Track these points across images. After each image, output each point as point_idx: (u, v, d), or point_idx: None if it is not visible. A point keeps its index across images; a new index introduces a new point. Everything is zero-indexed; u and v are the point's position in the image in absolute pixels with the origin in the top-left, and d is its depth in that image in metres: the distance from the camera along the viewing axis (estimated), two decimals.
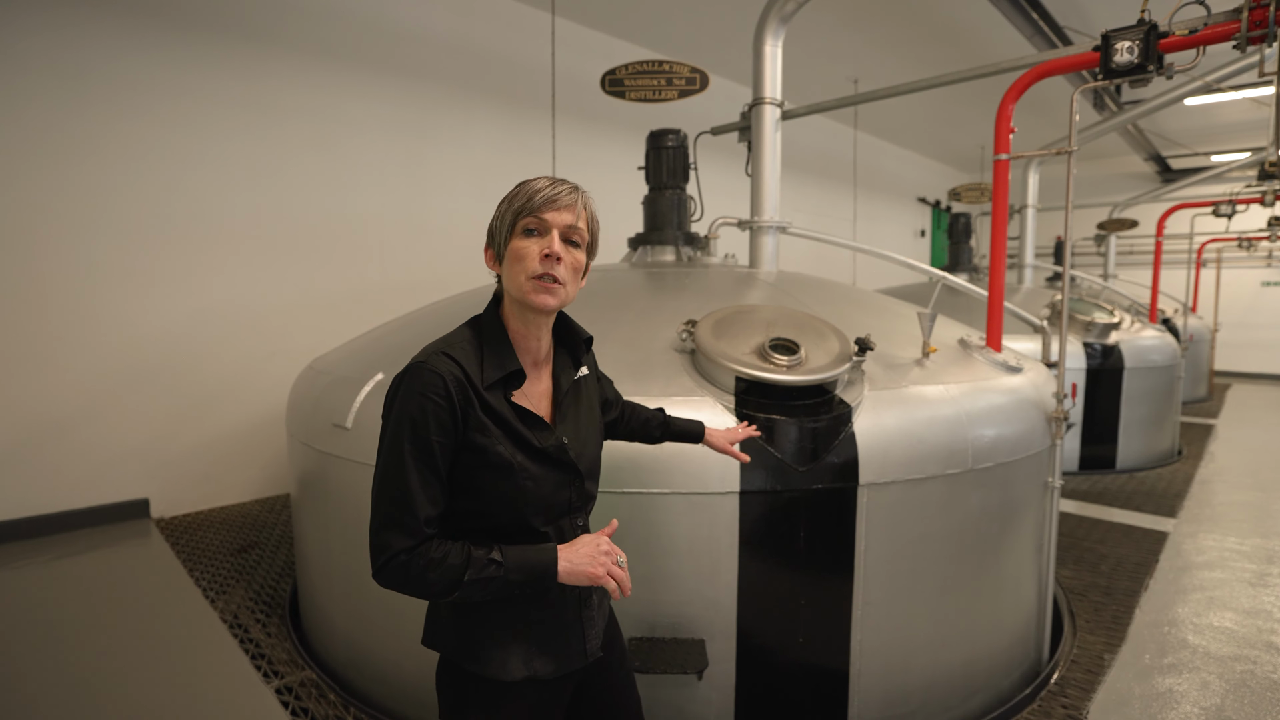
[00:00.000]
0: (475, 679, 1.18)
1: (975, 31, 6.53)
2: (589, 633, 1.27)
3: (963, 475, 2.16)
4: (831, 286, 3.12)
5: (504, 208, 1.17)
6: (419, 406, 1.07)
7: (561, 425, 1.22)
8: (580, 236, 1.16)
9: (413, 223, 5.27)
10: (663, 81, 3.30)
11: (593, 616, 1.28)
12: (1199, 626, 2.95)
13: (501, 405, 1.14)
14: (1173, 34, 2.18)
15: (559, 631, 1.22)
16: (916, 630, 2.16)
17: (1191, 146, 11.13)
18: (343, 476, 2.33)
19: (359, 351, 2.78)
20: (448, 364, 1.10)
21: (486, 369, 1.14)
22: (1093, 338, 5.59)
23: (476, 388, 1.12)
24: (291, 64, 4.59)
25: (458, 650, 1.20)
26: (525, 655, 1.18)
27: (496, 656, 1.17)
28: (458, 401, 1.09)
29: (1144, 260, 12.59)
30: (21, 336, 3.69)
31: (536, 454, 1.16)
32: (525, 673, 1.18)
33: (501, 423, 1.13)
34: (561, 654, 1.22)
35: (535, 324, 1.19)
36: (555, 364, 1.28)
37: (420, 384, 1.08)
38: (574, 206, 1.15)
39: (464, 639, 1.19)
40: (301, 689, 2.43)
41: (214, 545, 3.77)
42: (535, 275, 1.12)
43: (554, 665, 1.21)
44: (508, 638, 1.18)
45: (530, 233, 1.13)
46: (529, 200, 1.13)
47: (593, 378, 1.39)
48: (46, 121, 3.69)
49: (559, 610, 1.22)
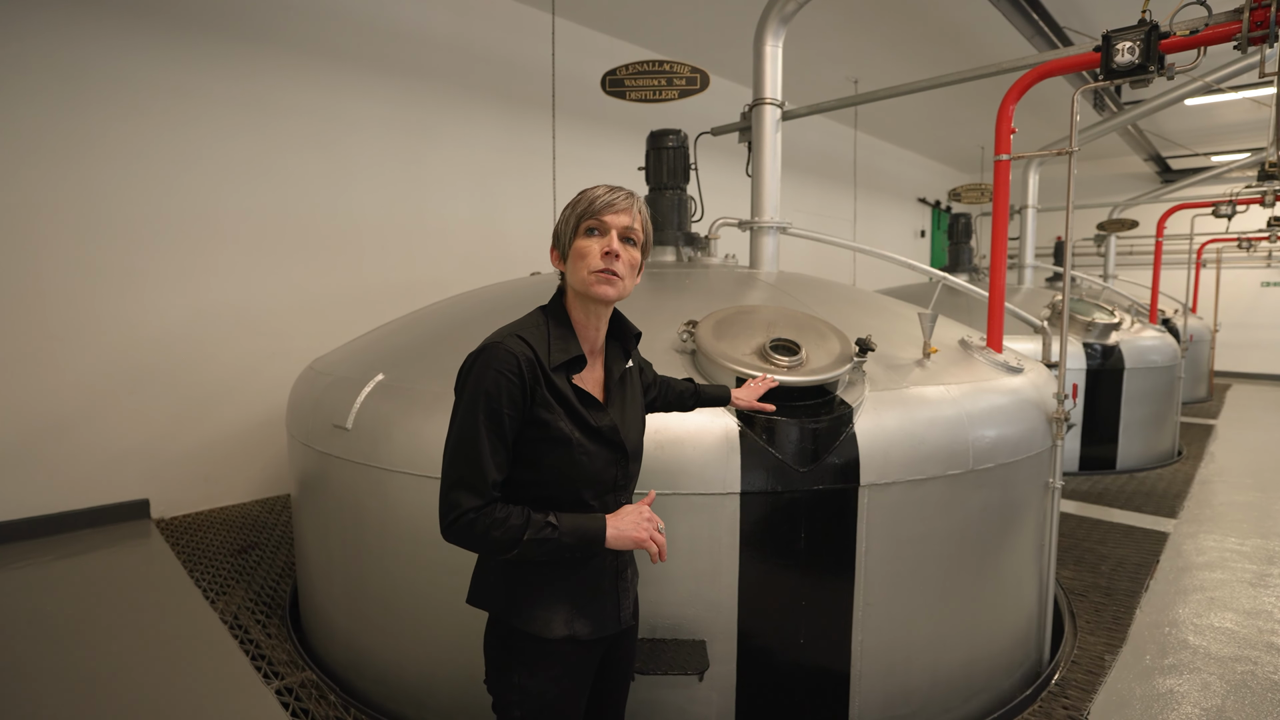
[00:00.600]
0: (520, 636, 1.30)
1: (975, 32, 6.53)
2: (623, 601, 1.41)
3: (964, 476, 2.16)
4: (832, 287, 3.12)
5: (568, 213, 1.30)
6: (494, 381, 1.20)
7: (611, 410, 1.36)
8: (636, 236, 1.30)
9: (412, 223, 5.27)
10: (663, 82, 3.30)
11: (627, 588, 1.42)
12: (1200, 627, 2.95)
13: (565, 386, 1.28)
14: (1174, 34, 2.18)
15: (597, 598, 1.36)
16: (917, 631, 2.16)
17: (1191, 147, 11.13)
18: (343, 477, 2.32)
19: (359, 352, 2.78)
20: (520, 345, 1.23)
21: (554, 352, 1.27)
22: (1093, 338, 5.59)
23: (544, 368, 1.25)
24: (291, 63, 4.58)
25: (507, 608, 1.31)
26: (567, 616, 1.31)
27: (541, 615, 1.30)
28: (527, 379, 1.22)
29: (1144, 261, 12.59)
30: (21, 337, 3.69)
31: (592, 432, 1.29)
32: (566, 632, 1.30)
33: (564, 401, 1.26)
34: (598, 618, 1.36)
35: (595, 314, 1.33)
36: (607, 355, 1.41)
37: (496, 361, 1.21)
38: (630, 210, 1.28)
39: (513, 598, 1.31)
40: (302, 690, 2.43)
41: (214, 546, 3.77)
42: (597, 270, 1.25)
43: (591, 627, 1.34)
44: (552, 599, 1.31)
45: (591, 232, 1.27)
46: (590, 204, 1.27)
47: (637, 369, 1.52)
48: (46, 121, 3.69)
49: (598, 578, 1.36)
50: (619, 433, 1.33)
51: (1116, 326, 5.70)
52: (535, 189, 5.91)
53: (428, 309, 3.18)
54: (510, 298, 2.92)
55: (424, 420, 2.13)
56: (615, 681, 1.50)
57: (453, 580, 2.11)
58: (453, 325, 2.74)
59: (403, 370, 2.38)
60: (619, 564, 1.39)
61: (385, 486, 2.17)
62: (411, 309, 3.87)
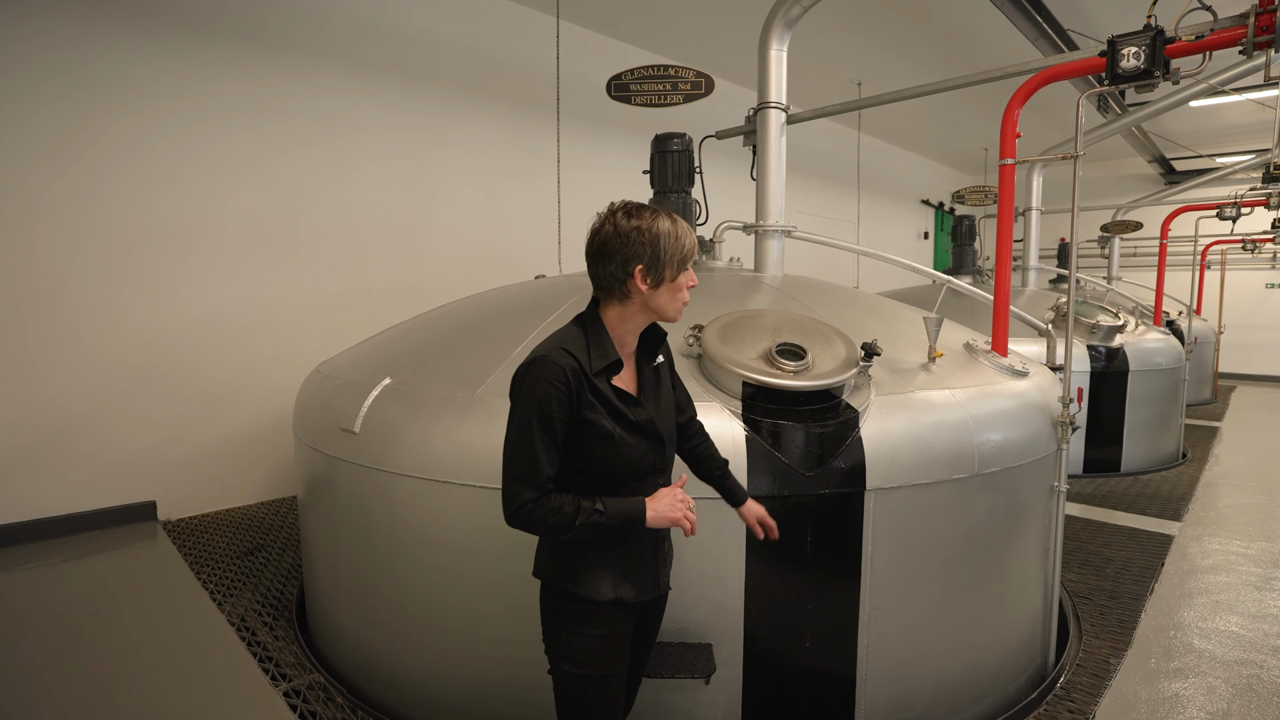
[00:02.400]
0: (572, 599, 1.49)
1: (979, 34, 6.53)
2: (661, 569, 1.59)
3: (969, 480, 2.17)
4: (837, 290, 3.12)
5: (674, 246, 1.43)
6: (544, 391, 1.37)
7: (646, 404, 1.53)
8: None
9: (417, 225, 5.28)
10: (668, 86, 3.31)
11: (665, 557, 1.61)
12: (1205, 631, 2.95)
13: (605, 388, 1.45)
14: (1179, 39, 2.18)
15: (640, 565, 1.53)
16: (923, 634, 2.17)
17: (1196, 148, 11.10)
18: (350, 481, 2.34)
19: (365, 356, 2.79)
20: (566, 357, 1.40)
21: (594, 359, 1.43)
22: (1097, 340, 5.59)
23: (587, 374, 1.41)
24: (297, 67, 4.60)
25: (563, 575, 1.50)
26: (614, 580, 1.49)
27: (590, 580, 1.48)
28: (573, 386, 1.39)
29: (1148, 262, 12.57)
30: (29, 340, 3.71)
31: (632, 426, 1.46)
32: (613, 595, 1.48)
33: (606, 402, 1.44)
34: (641, 583, 1.53)
35: (636, 327, 1.51)
36: (638, 355, 1.57)
37: (545, 373, 1.38)
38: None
39: (568, 565, 1.50)
40: (309, 692, 2.44)
41: (221, 548, 3.78)
42: (685, 303, 1.49)
43: (635, 591, 1.52)
44: (602, 566, 1.49)
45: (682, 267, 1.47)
46: (690, 251, 1.46)
47: (667, 364, 1.66)
48: (52, 124, 3.71)
49: (640, 549, 1.53)
50: (655, 424, 1.51)
51: (1121, 329, 5.69)
52: (539, 191, 5.92)
53: (433, 313, 3.20)
54: (515, 302, 2.94)
55: (431, 424, 2.14)
56: (644, 643, 1.67)
57: (460, 584, 2.13)
58: (458, 329, 2.75)
59: (410, 374, 2.39)
60: (658, 537, 1.58)
61: (393, 490, 2.18)
62: (416, 311, 3.88)
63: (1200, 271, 10.98)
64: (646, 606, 1.61)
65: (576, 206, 4.60)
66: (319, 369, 2.93)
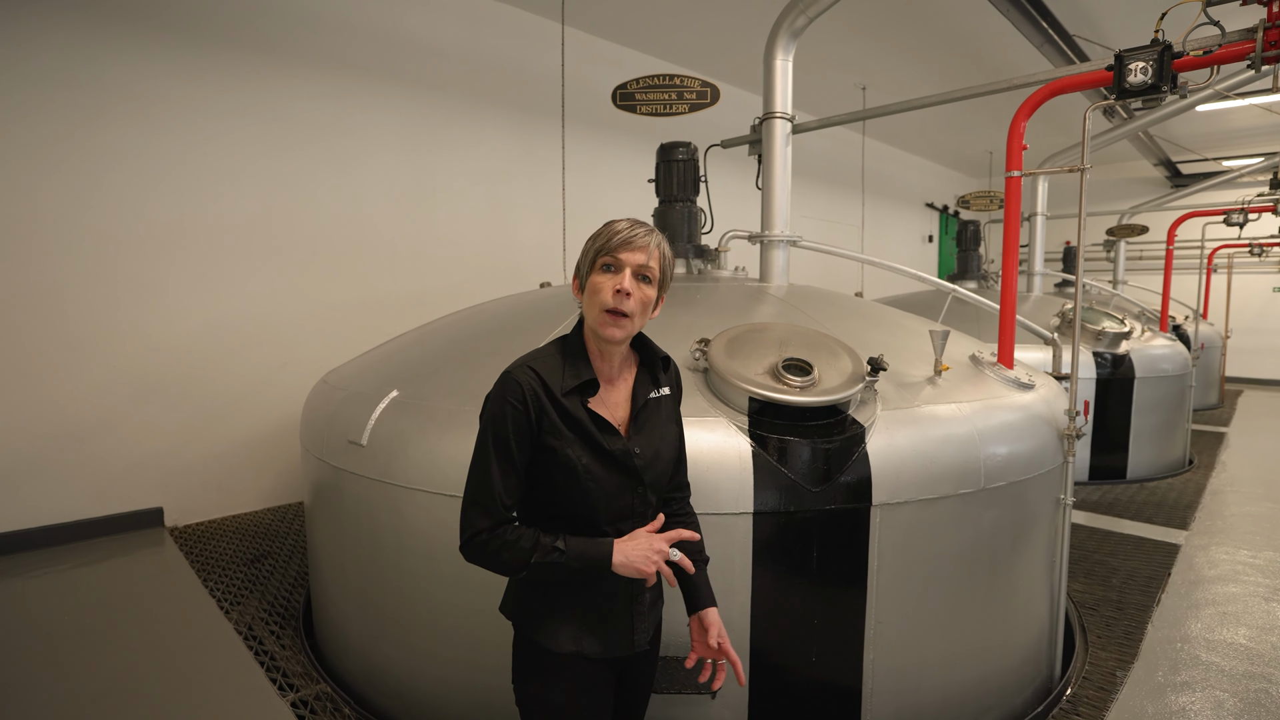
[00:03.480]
0: (536, 646, 1.37)
1: (985, 40, 6.52)
2: (637, 625, 1.42)
3: (975, 495, 2.16)
4: (842, 301, 3.12)
5: (589, 245, 1.33)
6: (501, 410, 1.28)
7: (636, 436, 1.37)
8: (652, 274, 1.30)
9: (423, 233, 5.30)
10: (674, 95, 3.32)
11: (643, 613, 1.43)
12: (1212, 643, 2.94)
13: (578, 410, 1.31)
14: (1187, 54, 2.18)
15: (609, 618, 1.38)
16: (929, 649, 2.17)
17: (1202, 152, 11.06)
18: (357, 492, 2.35)
19: (372, 367, 2.80)
20: (528, 375, 1.29)
21: (566, 378, 1.31)
22: (1103, 347, 5.57)
23: (554, 395, 1.29)
24: (304, 75, 4.62)
25: (521, 618, 1.40)
26: (576, 633, 1.36)
27: (550, 628, 1.36)
28: (533, 408, 1.27)
29: (1153, 266, 12.52)
30: (37, 348, 3.73)
31: (604, 456, 1.32)
32: (574, 648, 1.35)
33: (575, 426, 1.30)
34: (609, 638, 1.38)
35: (607, 350, 1.36)
36: (636, 380, 1.43)
37: (504, 391, 1.29)
38: (647, 248, 1.28)
39: (528, 610, 1.39)
40: (316, 702, 2.45)
41: (227, 554, 3.80)
42: (607, 309, 1.27)
43: (600, 646, 1.37)
44: (564, 615, 1.36)
45: (607, 269, 1.29)
46: (608, 240, 1.28)
47: (673, 398, 1.49)
48: (64, 135, 3.74)
49: (610, 600, 1.38)
50: (632, 457, 1.34)
51: (1127, 335, 5.67)
52: (545, 198, 5.94)
53: (439, 323, 3.20)
54: (520, 311, 2.94)
55: (439, 437, 2.15)
56: (630, 704, 1.52)
57: (467, 596, 2.13)
58: (464, 340, 2.76)
59: (417, 386, 2.40)
60: (634, 588, 1.40)
61: (400, 503, 2.19)
62: (421, 318, 3.89)
63: (1207, 275, 10.94)
64: (626, 663, 1.45)
65: (582, 214, 4.61)
66: (326, 379, 2.94)
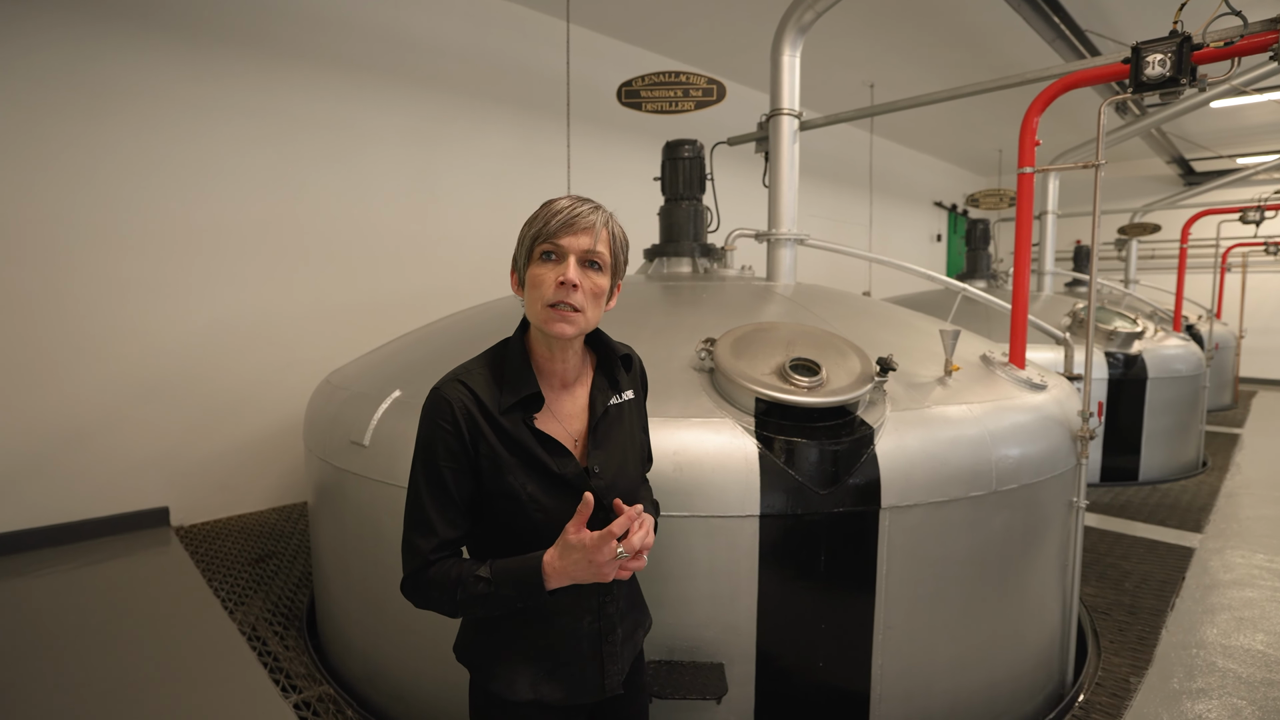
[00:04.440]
0: (491, 695, 1.20)
1: (994, 35, 6.46)
2: (609, 667, 1.23)
3: (986, 497, 2.12)
4: (850, 300, 3.08)
5: (525, 230, 1.14)
6: (430, 434, 1.11)
7: (594, 453, 1.18)
8: (601, 259, 1.12)
9: (426, 232, 5.29)
10: (679, 93, 3.28)
11: (615, 652, 1.24)
12: (1228, 649, 2.88)
13: (520, 430, 1.12)
14: (1207, 45, 2.13)
15: (573, 661, 1.20)
16: (938, 654, 2.13)
17: (1216, 149, 10.93)
18: (361, 494, 2.33)
19: (375, 367, 2.78)
20: (459, 391, 1.11)
21: (504, 394, 1.13)
22: (1115, 347, 5.50)
23: (490, 414, 1.11)
24: (306, 73, 4.62)
25: (473, 664, 1.23)
26: (533, 678, 1.18)
27: (504, 675, 1.19)
28: (465, 429, 1.09)
29: (1166, 265, 12.39)
30: (43, 348, 3.74)
31: (554, 482, 1.13)
32: (531, 696, 1.18)
33: (517, 449, 1.11)
34: (574, 683, 1.21)
35: (559, 348, 1.17)
36: (594, 385, 1.23)
37: (433, 410, 1.11)
38: (592, 229, 1.10)
39: (479, 654, 1.22)
40: (319, 704, 2.43)
41: (232, 554, 3.79)
42: (551, 303, 1.09)
43: (563, 693, 1.19)
44: (518, 659, 1.18)
45: (547, 257, 1.11)
46: (546, 224, 1.10)
47: (638, 402, 1.31)
48: (67, 135, 3.74)
49: (574, 640, 1.20)
50: (588, 479, 1.15)
51: (1139, 335, 5.60)
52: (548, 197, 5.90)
53: (441, 323, 3.18)
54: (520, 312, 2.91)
55: None
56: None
57: None
58: (467, 341, 2.72)
59: (419, 387, 2.37)
60: (603, 625, 1.21)
61: (403, 504, 2.16)
62: (425, 318, 3.87)
63: (1221, 275, 10.80)
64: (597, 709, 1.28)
65: None
66: (329, 379, 2.92)
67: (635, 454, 1.28)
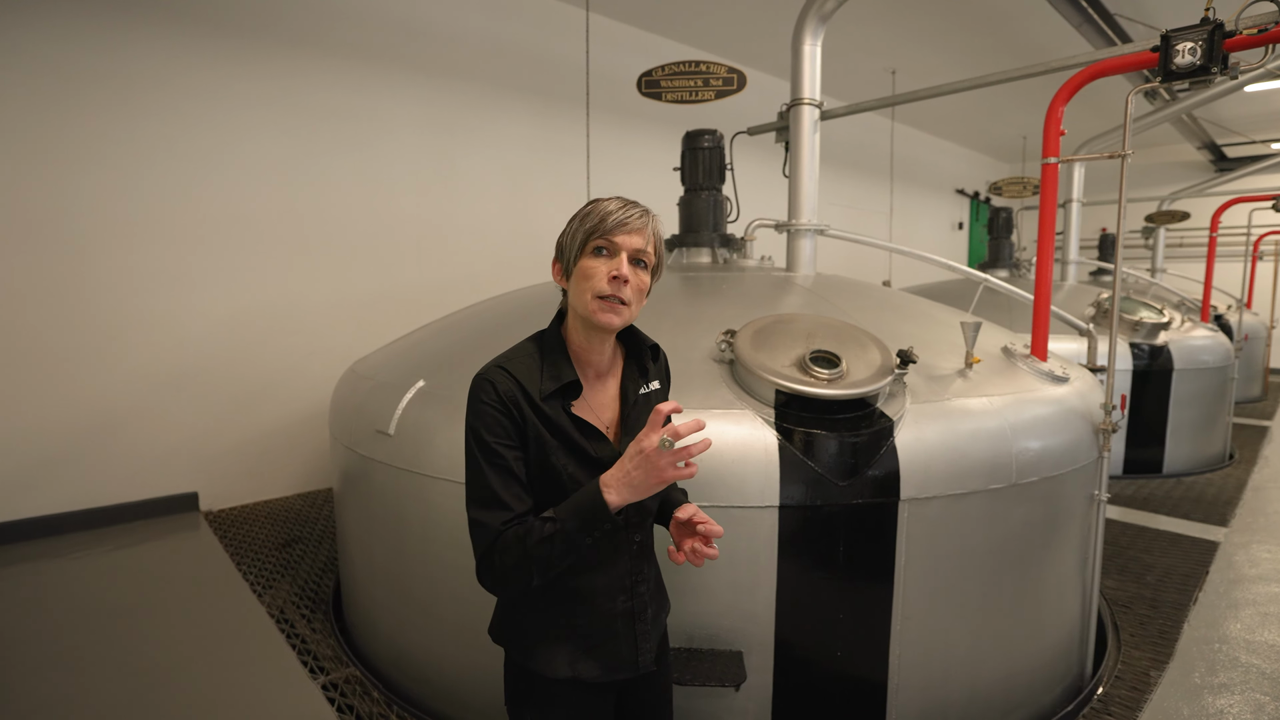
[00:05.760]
0: (530, 673, 1.27)
1: (1019, 20, 6.33)
2: (642, 645, 1.30)
3: (1006, 490, 2.12)
4: (871, 291, 3.07)
5: (575, 225, 1.20)
6: (479, 416, 1.16)
7: (625, 439, 1.25)
8: (647, 259, 1.20)
9: (446, 222, 5.33)
10: (699, 82, 3.27)
11: (647, 630, 1.31)
12: (1253, 644, 2.85)
13: (559, 416, 1.19)
14: (1240, 33, 2.08)
15: (609, 638, 1.27)
16: (956, 644, 2.14)
17: (1249, 134, 10.64)
18: (385, 481, 2.38)
19: (398, 356, 2.83)
20: (503, 377, 1.18)
21: (544, 381, 1.19)
22: (1140, 338, 5.41)
23: (533, 399, 1.18)
24: (326, 65, 4.65)
25: (512, 644, 1.29)
26: (571, 657, 1.25)
27: (543, 654, 1.25)
28: (513, 410, 1.16)
29: (1195, 253, 12.11)
30: (76, 338, 3.84)
31: (592, 465, 1.20)
32: (569, 673, 1.24)
33: (558, 433, 1.19)
34: (610, 660, 1.27)
35: (598, 339, 1.24)
36: (624, 375, 1.31)
37: (479, 395, 1.18)
38: (644, 230, 1.18)
39: (519, 635, 1.28)
40: (346, 685, 2.50)
41: (260, 539, 3.89)
42: (602, 295, 1.16)
43: (599, 670, 1.26)
44: (556, 639, 1.25)
45: (600, 252, 1.17)
46: (601, 221, 1.16)
47: (663, 393, 1.39)
48: (96, 130, 3.81)
49: (609, 620, 1.27)
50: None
51: (1165, 326, 5.50)
52: (569, 187, 5.92)
53: (463, 312, 3.22)
54: (544, 301, 2.93)
55: None
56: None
57: None
58: (489, 331, 2.76)
59: (442, 376, 2.42)
60: (636, 604, 1.30)
61: (427, 492, 2.21)
62: (445, 308, 3.92)
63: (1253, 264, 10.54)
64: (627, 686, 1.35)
65: None
66: (353, 368, 2.97)
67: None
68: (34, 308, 3.70)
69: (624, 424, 1.27)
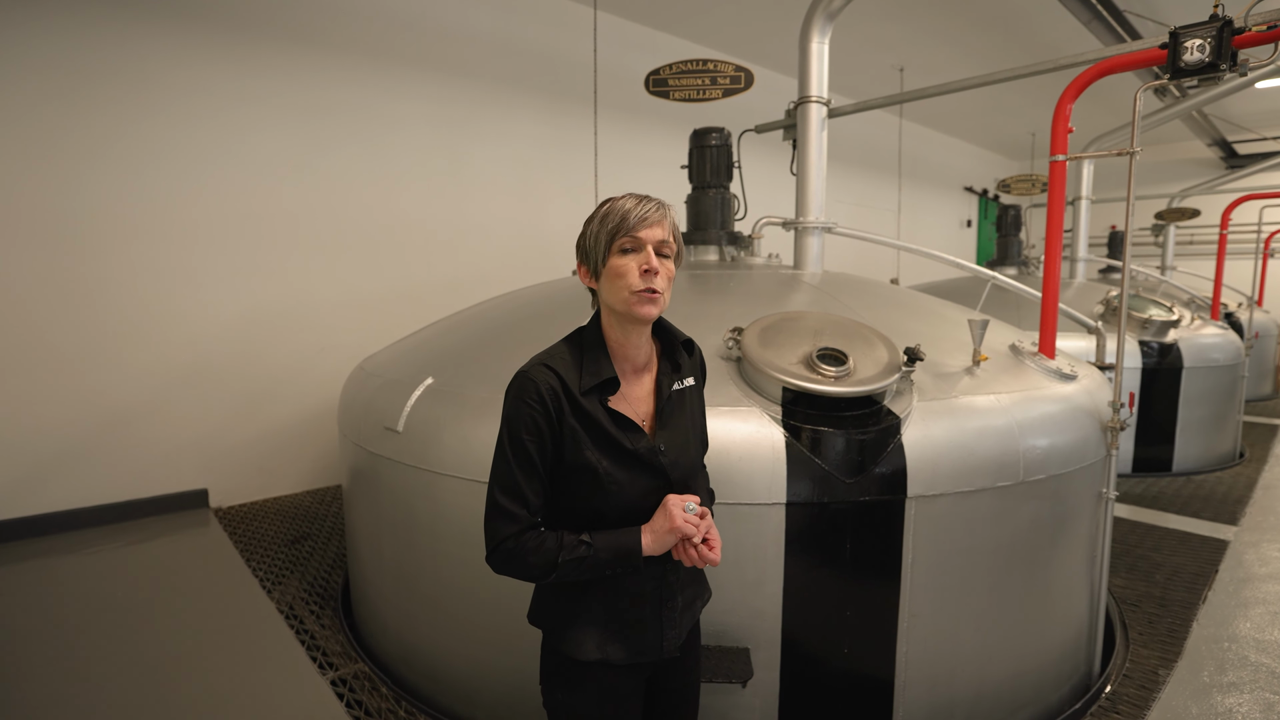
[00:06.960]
0: (562, 655, 1.33)
1: (1028, 16, 6.30)
2: (668, 631, 1.36)
3: (1014, 488, 2.12)
4: (878, 289, 3.07)
5: (595, 228, 1.25)
6: (516, 411, 1.23)
7: (661, 432, 1.31)
8: (669, 249, 1.26)
9: (455, 220, 5.35)
10: (707, 81, 3.27)
11: (674, 618, 1.37)
12: (1262, 643, 2.84)
13: (597, 410, 1.25)
14: (1249, 29, 2.07)
15: (637, 623, 1.33)
16: (963, 642, 2.14)
17: (1260, 130, 10.55)
18: (394, 478, 2.39)
19: (407, 353, 2.84)
20: (545, 374, 1.24)
21: (584, 376, 1.25)
22: (1149, 336, 5.38)
23: (572, 395, 1.24)
24: (337, 63, 4.68)
25: (547, 627, 1.37)
26: (599, 640, 1.31)
27: (574, 637, 1.31)
28: (551, 408, 1.22)
29: (1205, 250, 12.01)
30: (88, 335, 3.87)
31: (627, 457, 1.26)
32: (598, 655, 1.30)
33: (594, 427, 1.24)
34: (636, 644, 1.33)
35: (635, 333, 1.29)
36: (659, 370, 1.37)
37: (519, 391, 1.24)
38: (663, 222, 1.24)
39: (552, 617, 1.35)
40: (355, 681, 2.52)
41: (269, 535, 3.92)
42: (638, 290, 1.21)
43: (625, 652, 1.32)
44: (586, 623, 1.31)
45: (627, 251, 1.23)
46: (623, 220, 1.22)
47: (698, 389, 1.44)
48: (105, 126, 3.84)
49: (639, 605, 1.33)
50: (658, 454, 1.28)
51: (1175, 324, 5.47)
52: (577, 184, 5.94)
53: (472, 310, 3.23)
54: (552, 299, 2.95)
55: (474, 425, 2.18)
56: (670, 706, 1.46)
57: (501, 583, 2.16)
58: (497, 328, 2.78)
59: (451, 374, 2.43)
60: (664, 592, 1.35)
61: (435, 489, 2.22)
62: (455, 305, 3.93)
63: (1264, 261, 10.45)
64: (657, 668, 1.41)
65: None
66: (362, 366, 2.99)
67: (696, 437, 1.39)
68: (45, 306, 3.74)
69: (659, 417, 1.32)
